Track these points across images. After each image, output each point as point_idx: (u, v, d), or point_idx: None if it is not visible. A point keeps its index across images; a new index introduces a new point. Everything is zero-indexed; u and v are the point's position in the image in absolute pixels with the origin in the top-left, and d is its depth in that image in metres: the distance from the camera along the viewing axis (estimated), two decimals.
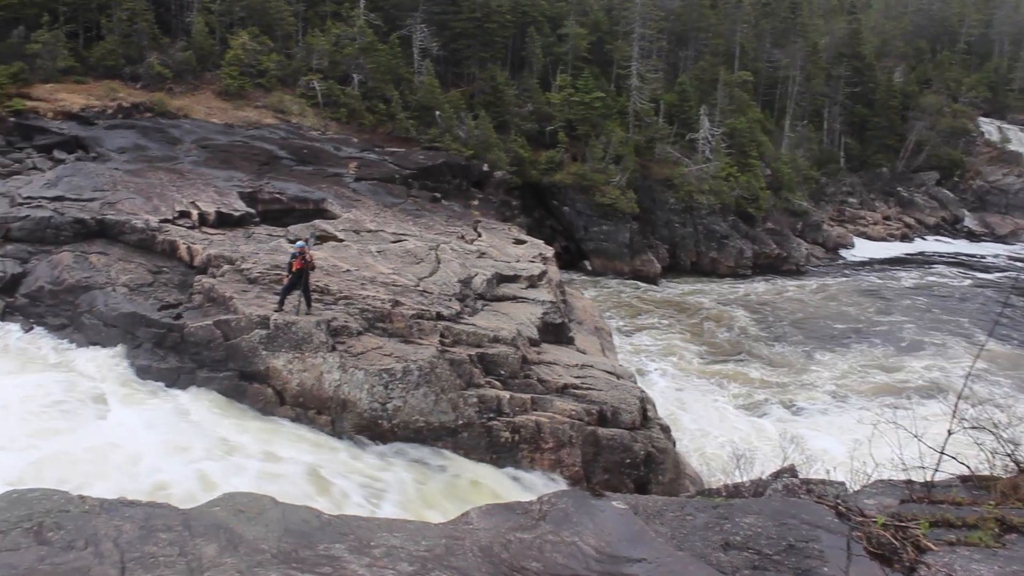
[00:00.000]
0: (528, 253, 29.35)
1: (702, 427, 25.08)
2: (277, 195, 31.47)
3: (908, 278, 49.48)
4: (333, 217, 30.05)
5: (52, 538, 7.49)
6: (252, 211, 29.32)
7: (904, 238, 62.89)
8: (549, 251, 30.76)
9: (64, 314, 23.33)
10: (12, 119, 36.39)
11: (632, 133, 49.56)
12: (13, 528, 7.60)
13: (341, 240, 27.10)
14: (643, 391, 20.92)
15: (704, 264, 47.55)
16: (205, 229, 27.16)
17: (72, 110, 38.18)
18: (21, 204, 27.58)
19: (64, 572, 6.86)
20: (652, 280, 43.68)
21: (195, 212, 27.84)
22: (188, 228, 26.90)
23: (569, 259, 43.68)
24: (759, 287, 44.48)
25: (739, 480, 12.59)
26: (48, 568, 6.90)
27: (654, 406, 20.73)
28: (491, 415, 18.55)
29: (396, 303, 21.24)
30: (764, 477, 12.74)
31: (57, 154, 34.44)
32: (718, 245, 47.58)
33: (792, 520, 7.78)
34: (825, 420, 26.68)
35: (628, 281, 43.15)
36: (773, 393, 28.61)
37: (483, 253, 27.92)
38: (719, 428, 25.19)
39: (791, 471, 13.29)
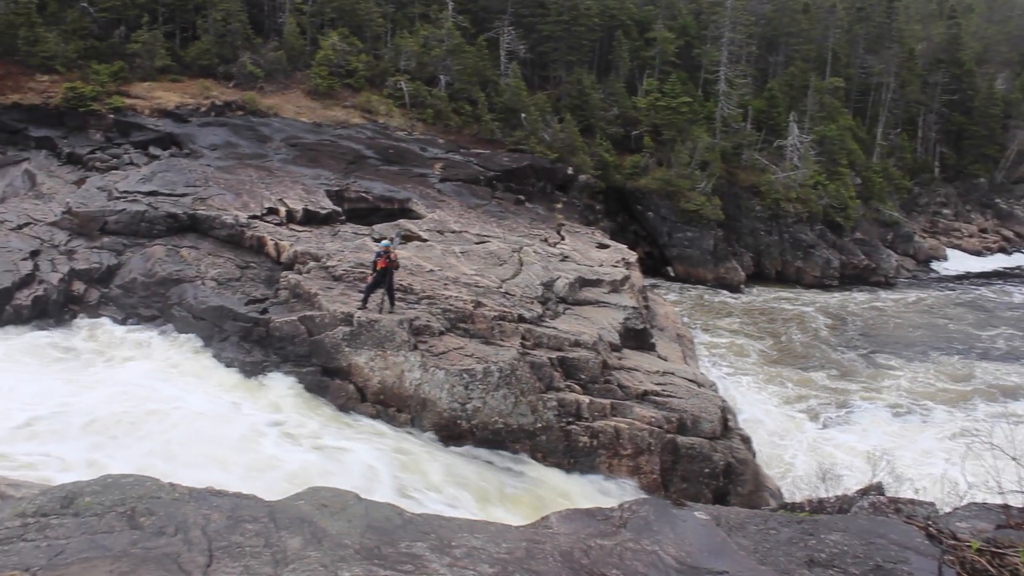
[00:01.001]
0: (611, 258, 29.17)
1: (779, 437, 24.58)
2: (363, 194, 31.88)
3: (1010, 291, 47.66)
4: (418, 217, 30.32)
5: (144, 523, 7.60)
6: (338, 209, 29.75)
7: (1002, 251, 60.64)
8: (632, 256, 30.52)
9: (155, 306, 24.03)
10: (112, 116, 37.58)
11: (719, 139, 48.90)
12: (108, 511, 7.76)
13: (425, 240, 27.31)
14: (724, 400, 20.61)
15: (789, 273, 46.62)
16: (292, 226, 27.66)
17: (168, 108, 39.26)
18: (118, 198, 28.49)
19: (155, 557, 6.94)
20: (735, 288, 43.01)
21: (283, 209, 28.37)
22: (276, 225, 27.42)
23: (652, 265, 43.28)
24: (846, 297, 43.41)
25: (823, 495, 12.29)
26: (140, 552, 7.00)
27: (735, 416, 20.43)
28: (570, 419, 18.47)
29: (478, 304, 21.32)
30: (849, 493, 12.40)
31: (152, 150, 35.42)
32: (804, 254, 46.61)
33: (880, 540, 7.51)
34: (915, 435, 25.80)
35: (711, 288, 42.58)
36: (858, 404, 27.81)
37: (566, 256, 27.84)
38: (796, 440, 24.63)
39: (878, 488, 12.93)
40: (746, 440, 19.53)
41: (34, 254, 25.40)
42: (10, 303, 23.19)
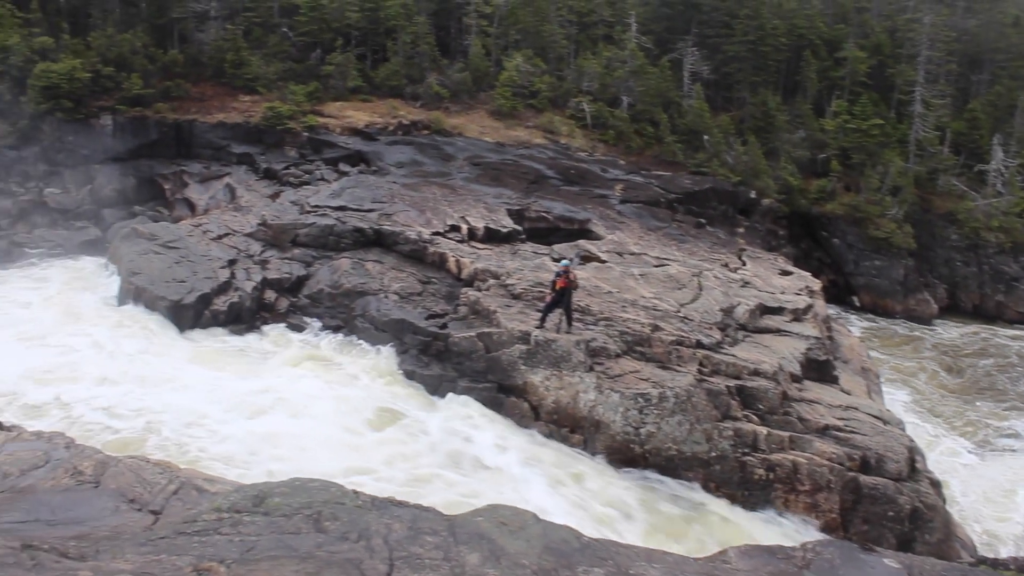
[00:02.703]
0: (794, 285, 28.29)
1: (972, 485, 23.03)
2: (543, 213, 32.26)
3: None
4: (597, 238, 30.39)
5: (329, 527, 7.93)
6: (519, 228, 30.23)
7: None
8: (816, 284, 29.48)
9: (340, 316, 25.21)
10: (306, 134, 39.68)
11: (912, 163, 46.47)
12: (296, 513, 8.14)
13: (604, 261, 27.35)
14: (912, 440, 19.55)
15: (988, 308, 43.58)
16: (473, 243, 28.32)
17: (357, 126, 41.01)
18: (309, 212, 30.06)
19: (338, 561, 7.21)
20: (926, 321, 40.66)
21: (465, 227, 29.09)
22: (457, 242, 28.16)
23: (836, 294, 41.52)
24: None
25: None
26: (324, 555, 7.31)
27: (923, 457, 19.32)
28: (746, 450, 18.07)
29: (656, 328, 21.17)
30: None
31: (342, 167, 37.13)
32: (1006, 287, 43.50)
33: None
34: None
35: (899, 321, 40.46)
36: None
37: (747, 282, 27.22)
38: (991, 489, 22.99)
39: None
40: (936, 484, 18.46)
41: (231, 263, 27.20)
42: (208, 307, 24.95)
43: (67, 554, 6.74)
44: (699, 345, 20.92)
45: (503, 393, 20.46)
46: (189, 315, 24.52)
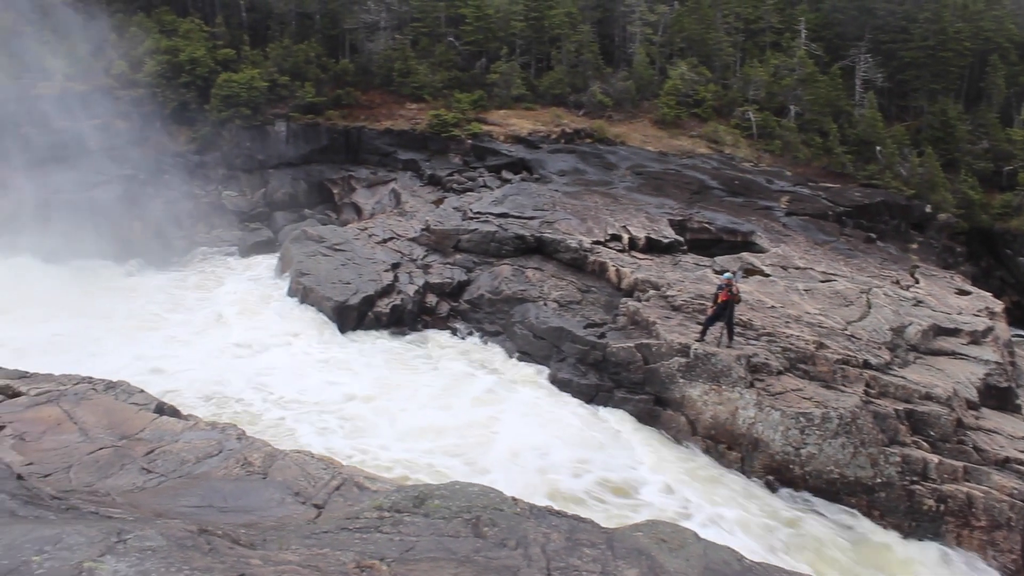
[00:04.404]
0: (972, 305, 26.71)
1: None
2: (706, 225, 31.73)
3: None
4: (761, 251, 29.63)
5: (487, 533, 7.97)
6: (680, 239, 29.84)
7: None
8: (997, 305, 27.70)
9: (499, 322, 25.50)
10: (470, 141, 40.55)
11: None
12: (455, 516, 8.23)
13: (768, 275, 26.66)
14: None
15: None
16: (634, 253, 28.14)
17: (520, 134, 41.57)
18: (471, 218, 30.61)
19: (495, 567, 7.20)
20: None
21: (626, 236, 28.95)
22: (618, 251, 28.05)
23: (1021, 316, 38.97)
24: None
25: None
26: (482, 560, 7.31)
27: None
28: (914, 478, 17.19)
29: (821, 345, 20.47)
30: None
31: (505, 174, 37.71)
32: None
33: None
34: None
35: None
36: None
37: (919, 301, 25.91)
38: None
39: None
40: None
41: (395, 266, 28.01)
42: (372, 309, 25.73)
43: (238, 541, 7.03)
44: (866, 365, 20.09)
45: (660, 406, 20.24)
46: (353, 316, 25.39)
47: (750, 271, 27.01)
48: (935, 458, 17.33)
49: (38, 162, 33.71)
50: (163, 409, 13.75)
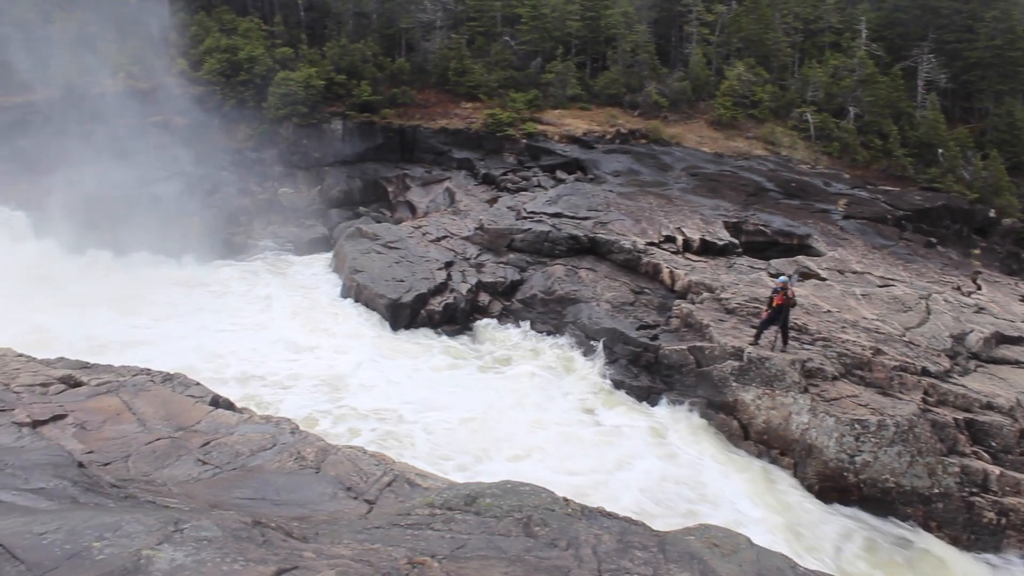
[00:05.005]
0: None
1: None
2: (761, 227, 31.34)
3: None
4: (817, 254, 29.19)
5: (538, 532, 7.93)
6: (735, 241, 29.53)
7: None
8: None
9: (551, 322, 25.43)
10: (525, 140, 40.55)
11: None
12: (506, 516, 8.20)
13: (824, 279, 26.26)
14: None
15: None
16: (688, 255, 27.92)
17: (575, 134, 41.46)
18: (525, 218, 30.59)
19: (546, 567, 7.15)
20: None
21: (680, 238, 28.72)
22: (672, 253, 27.84)
23: None
24: None
25: None
26: (533, 560, 7.27)
27: None
28: (974, 489, 16.78)
29: (877, 351, 20.11)
30: None
31: (559, 174, 37.65)
32: None
33: None
34: None
35: None
36: None
37: (981, 308, 25.32)
38: None
39: None
40: None
41: (448, 265, 28.09)
42: (424, 307, 25.82)
43: (291, 534, 7.10)
44: (925, 372, 19.69)
45: (712, 409, 20.04)
46: (406, 314, 25.52)
47: (806, 275, 26.63)
48: (996, 469, 16.91)
49: (100, 158, 34.44)
50: (218, 402, 13.98)
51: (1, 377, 13.54)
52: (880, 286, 26.10)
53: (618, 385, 21.68)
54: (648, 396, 21.10)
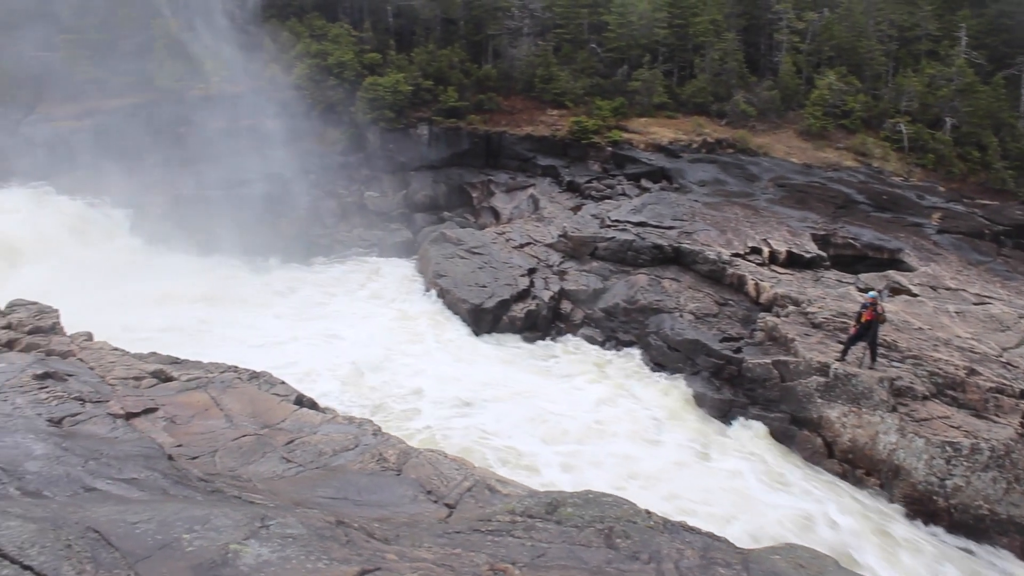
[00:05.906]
0: None
1: None
2: (851, 240, 30.57)
3: None
4: (908, 269, 28.32)
5: (619, 544, 7.82)
6: (823, 254, 28.85)
7: None
8: None
9: (633, 331, 25.22)
10: (610, 148, 40.35)
11: None
12: (587, 526, 8.12)
13: (915, 295, 25.47)
14: None
15: None
16: (774, 267, 27.39)
17: (661, 143, 41.10)
18: (609, 226, 30.41)
19: None
20: None
21: (766, 249, 28.20)
22: (757, 264, 27.35)
23: None
24: None
25: None
26: (613, 572, 7.16)
27: None
28: None
29: (972, 371, 19.40)
30: None
31: (644, 183, 37.39)
32: None
33: None
34: None
35: None
36: None
37: None
38: None
39: None
40: None
41: (531, 271, 28.11)
42: (507, 313, 25.87)
43: (373, 535, 7.14)
44: (1023, 395, 18.90)
45: (795, 425, 19.60)
46: (488, 319, 25.60)
47: (896, 290, 25.87)
48: None
49: (191, 160, 35.46)
50: (302, 401, 14.24)
51: (98, 369, 14.01)
52: (976, 304, 25.20)
53: (700, 399, 21.34)
54: (729, 409, 20.75)
